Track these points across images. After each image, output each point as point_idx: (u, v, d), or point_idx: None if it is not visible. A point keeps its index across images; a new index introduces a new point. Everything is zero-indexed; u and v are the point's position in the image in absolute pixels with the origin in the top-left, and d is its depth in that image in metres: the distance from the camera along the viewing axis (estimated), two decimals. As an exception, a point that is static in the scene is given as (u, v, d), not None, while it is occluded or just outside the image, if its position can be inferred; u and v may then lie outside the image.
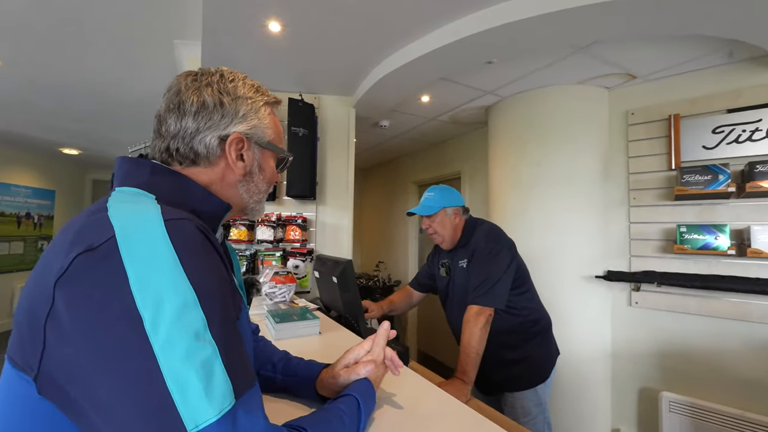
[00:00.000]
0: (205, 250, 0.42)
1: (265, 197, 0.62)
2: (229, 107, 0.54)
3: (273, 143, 0.59)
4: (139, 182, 0.48)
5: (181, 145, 0.52)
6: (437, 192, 1.45)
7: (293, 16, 1.54)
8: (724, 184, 1.71)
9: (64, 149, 4.62)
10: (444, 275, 1.50)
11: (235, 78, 0.56)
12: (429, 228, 1.44)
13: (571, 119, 2.19)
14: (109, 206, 0.42)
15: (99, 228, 0.38)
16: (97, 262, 0.36)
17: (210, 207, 0.53)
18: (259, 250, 2.16)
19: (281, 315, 1.19)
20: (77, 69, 2.32)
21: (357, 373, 0.64)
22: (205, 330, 0.37)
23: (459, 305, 1.40)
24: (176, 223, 0.40)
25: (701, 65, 1.87)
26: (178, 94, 0.53)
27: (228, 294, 0.43)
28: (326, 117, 2.43)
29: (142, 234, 0.38)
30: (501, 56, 1.77)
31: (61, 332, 0.35)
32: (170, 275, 0.37)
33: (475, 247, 1.35)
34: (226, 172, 0.55)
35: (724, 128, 1.82)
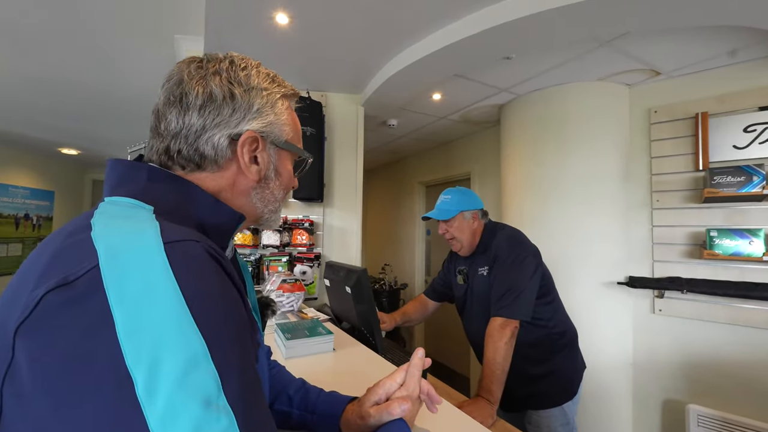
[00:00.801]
0: (219, 281, 0.33)
1: (281, 206, 0.53)
2: (242, 100, 0.44)
3: (291, 143, 0.49)
4: (134, 190, 0.39)
5: (183, 146, 0.43)
6: (454, 194, 1.37)
7: (301, 7, 1.44)
8: (759, 186, 1.61)
9: (63, 149, 4.54)
10: (461, 283, 1.42)
11: (247, 65, 0.47)
12: (446, 233, 1.36)
13: (590, 118, 2.10)
14: (93, 223, 0.32)
15: (78, 254, 0.30)
16: (74, 301, 0.27)
17: (221, 219, 0.43)
18: (265, 255, 2.06)
19: (291, 329, 1.09)
20: (75, 66, 2.24)
21: (390, 412, 0.54)
22: (219, 392, 0.28)
23: (478, 316, 1.32)
24: (180, 247, 0.31)
25: (731, 60, 1.77)
26: (180, 85, 0.43)
27: (247, 336, 0.34)
28: (334, 116, 2.34)
29: (134, 262, 0.29)
30: (520, 51, 1.68)
31: (21, 399, 0.27)
32: (172, 319, 0.28)
33: (497, 254, 1.27)
34: (238, 177, 0.45)
35: (757, 127, 1.72)
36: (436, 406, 0.60)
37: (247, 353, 0.33)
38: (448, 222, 1.34)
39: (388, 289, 3.62)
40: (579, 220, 2.06)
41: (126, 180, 0.40)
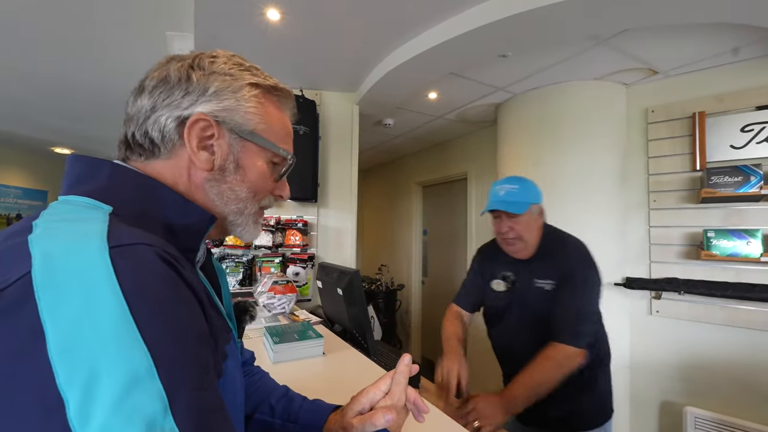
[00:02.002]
0: (171, 289, 0.29)
1: (249, 210, 0.46)
2: (197, 83, 0.41)
3: (259, 134, 0.44)
4: (92, 189, 0.36)
5: (135, 129, 0.41)
6: (521, 184, 1.11)
7: (294, 2, 1.41)
8: (757, 186, 1.60)
9: (56, 148, 4.50)
10: (503, 290, 1.19)
11: (218, 55, 0.44)
12: (510, 231, 1.10)
13: (588, 117, 2.08)
14: (34, 226, 0.29)
15: (10, 260, 0.27)
16: (2, 314, 0.24)
17: (190, 219, 0.40)
18: (257, 256, 2.03)
19: (280, 333, 1.06)
20: (68, 64, 2.21)
21: (373, 423, 0.51)
22: (165, 415, 0.24)
23: (524, 331, 1.13)
24: (128, 251, 0.28)
25: (728, 60, 1.76)
26: (147, 73, 0.42)
27: (206, 352, 0.30)
28: (328, 114, 2.31)
29: (72, 269, 0.26)
30: (516, 49, 1.66)
31: None
32: (113, 332, 0.25)
33: (571, 270, 1.07)
34: (191, 167, 0.42)
35: (754, 126, 1.70)
36: (423, 416, 0.57)
37: (205, 371, 0.29)
38: (517, 218, 1.08)
39: (385, 290, 3.60)
40: (576, 221, 2.04)
41: (85, 177, 0.37)
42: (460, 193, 3.32)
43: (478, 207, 3.05)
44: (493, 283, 1.23)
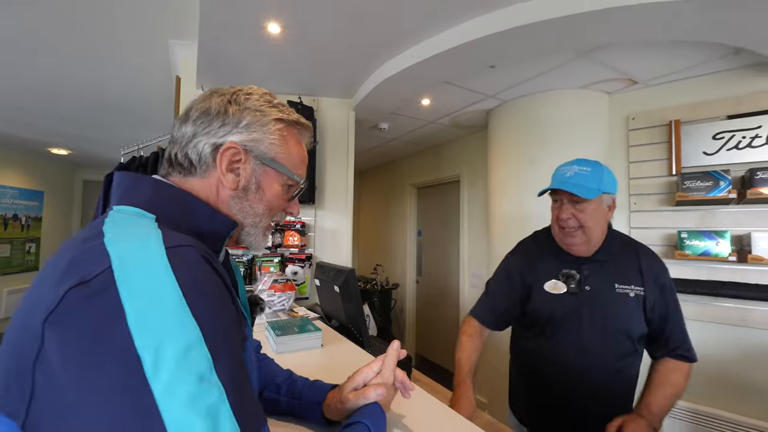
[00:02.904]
0: (212, 281, 0.38)
1: (264, 224, 0.54)
2: (233, 116, 0.50)
3: (278, 162, 0.52)
4: (139, 201, 0.44)
5: (178, 151, 0.50)
6: (595, 168, 0.96)
7: (293, 18, 1.50)
8: (725, 191, 1.71)
9: (53, 149, 4.51)
10: (560, 292, 1.01)
11: (253, 92, 0.53)
12: (571, 219, 0.96)
13: (572, 123, 2.18)
14: (105, 231, 0.38)
15: (94, 258, 0.35)
16: (91, 297, 0.33)
17: (216, 227, 0.49)
18: (257, 256, 2.11)
19: (282, 327, 1.15)
20: (68, 67, 2.25)
21: (366, 397, 0.60)
22: (210, 371, 0.33)
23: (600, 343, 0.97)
24: (179, 251, 0.37)
25: (702, 71, 1.87)
26: (192, 103, 0.51)
27: (236, 328, 0.40)
28: (325, 120, 2.39)
29: (141, 264, 0.35)
30: (503, 60, 1.76)
31: (51, 376, 0.32)
32: (173, 311, 0.33)
33: (659, 277, 0.98)
34: (220, 186, 0.50)
35: (725, 134, 1.82)
36: (410, 393, 0.67)
37: (235, 341, 0.38)
38: (582, 204, 0.94)
39: (380, 289, 3.68)
40: (561, 222, 2.15)
41: (132, 191, 0.46)
42: (453, 195, 3.42)
43: (471, 209, 3.15)
44: (548, 284, 1.03)
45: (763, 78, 1.74)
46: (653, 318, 0.98)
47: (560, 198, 0.99)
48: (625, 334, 0.96)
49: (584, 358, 0.98)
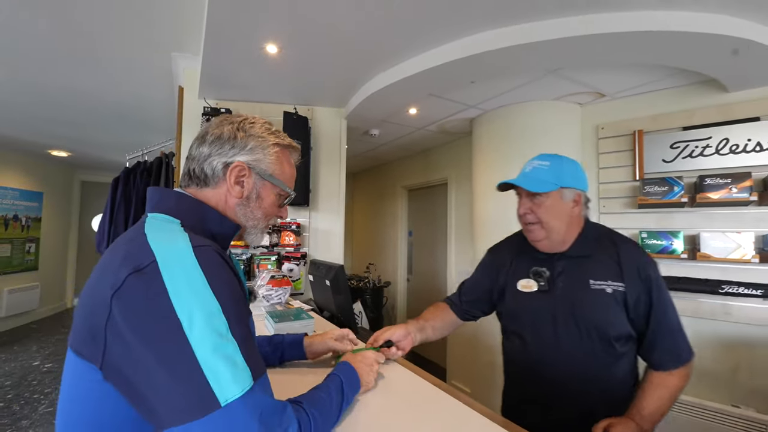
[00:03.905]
0: (225, 270, 0.52)
1: (261, 226, 0.69)
2: (240, 141, 0.64)
3: (275, 177, 0.66)
4: (167, 209, 0.59)
5: (195, 167, 0.64)
6: (554, 162, 0.96)
7: (290, 40, 1.66)
8: (678, 195, 1.91)
9: (53, 151, 4.61)
10: (531, 290, 1.00)
11: (256, 122, 0.68)
12: (528, 214, 0.96)
13: (548, 132, 2.37)
14: (146, 233, 0.52)
15: (143, 252, 0.49)
16: (144, 280, 0.47)
17: (225, 230, 0.64)
18: (255, 255, 2.27)
19: (279, 315, 1.31)
20: (70, 72, 2.36)
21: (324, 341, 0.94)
22: (227, 331, 0.47)
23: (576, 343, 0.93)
24: (202, 250, 0.51)
25: (661, 86, 2.07)
26: (208, 128, 0.66)
27: (242, 303, 0.54)
28: (319, 128, 2.56)
29: (177, 258, 0.49)
30: (482, 77, 1.93)
31: (119, 334, 0.45)
32: (200, 290, 0.48)
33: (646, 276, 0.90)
34: (228, 195, 0.64)
35: (680, 144, 2.01)
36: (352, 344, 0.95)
37: (243, 313, 0.53)
38: (538, 198, 0.94)
39: (372, 287, 3.85)
40: (537, 223, 2.33)
41: (162, 201, 0.60)
42: (441, 197, 3.60)
43: (458, 210, 3.33)
44: (520, 283, 1.02)
45: (710, 94, 1.94)
46: (637, 316, 0.90)
47: (521, 193, 0.98)
48: (601, 333, 0.90)
49: (559, 357, 0.94)
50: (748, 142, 1.82)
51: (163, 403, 0.44)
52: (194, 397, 0.43)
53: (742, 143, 1.84)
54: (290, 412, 0.51)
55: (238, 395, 0.45)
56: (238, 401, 0.45)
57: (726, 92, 1.90)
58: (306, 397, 0.61)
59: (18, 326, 4.77)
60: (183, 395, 0.44)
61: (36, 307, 5.05)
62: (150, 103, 2.91)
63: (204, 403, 0.43)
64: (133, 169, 2.53)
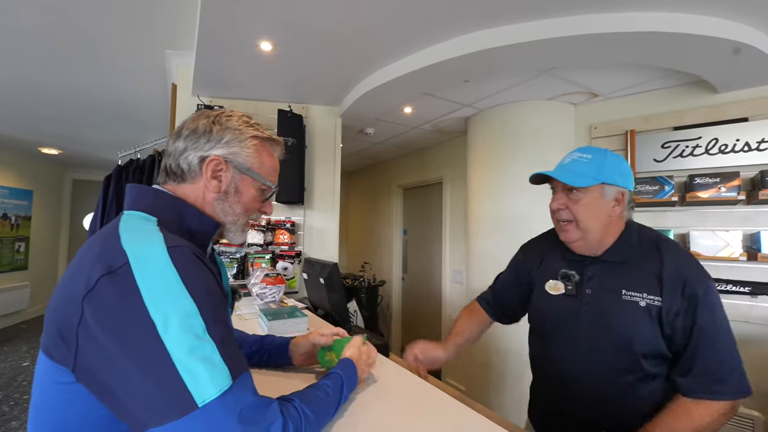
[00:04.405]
0: (201, 270, 0.51)
1: (241, 222, 0.66)
2: (216, 134, 0.61)
3: (253, 170, 0.64)
4: (143, 207, 0.57)
5: (172, 162, 0.62)
6: (596, 156, 0.86)
7: (284, 37, 1.65)
8: (669, 194, 1.93)
9: (43, 149, 4.55)
10: (558, 293, 0.94)
11: (233, 115, 0.65)
12: (562, 210, 0.89)
13: (542, 131, 2.38)
14: (120, 233, 0.50)
15: (115, 253, 0.48)
16: (117, 282, 0.45)
17: (203, 228, 0.62)
18: (249, 253, 2.26)
19: (273, 313, 1.31)
20: (62, 69, 2.33)
21: (308, 339, 0.91)
22: (204, 332, 0.47)
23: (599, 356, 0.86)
24: (177, 250, 0.50)
25: (653, 87, 2.09)
26: (184, 123, 0.65)
27: (221, 302, 0.53)
28: (314, 126, 2.55)
29: (151, 259, 0.48)
30: (476, 76, 1.94)
31: (91, 337, 0.44)
32: (175, 291, 0.47)
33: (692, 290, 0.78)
34: (205, 190, 0.62)
35: (671, 144, 2.04)
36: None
37: (221, 312, 0.51)
38: (575, 193, 0.86)
39: (367, 286, 3.84)
40: (530, 222, 2.34)
41: (139, 200, 0.59)
42: (436, 196, 3.61)
43: (453, 210, 3.34)
44: (548, 284, 0.96)
45: (701, 95, 1.97)
46: (674, 333, 0.79)
47: (555, 186, 0.90)
48: (626, 348, 0.82)
49: (581, 366, 0.88)
50: (736, 142, 1.85)
51: (140, 406, 0.44)
52: (171, 399, 0.43)
53: (730, 143, 1.87)
54: (275, 409, 0.50)
55: (216, 395, 0.44)
56: (215, 401, 0.44)
57: (716, 93, 1.93)
58: (299, 394, 0.60)
59: (8, 326, 4.70)
60: (159, 397, 0.43)
61: (26, 306, 4.97)
62: (143, 101, 2.88)
63: (181, 404, 0.43)
64: (126, 167, 2.51)
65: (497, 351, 2.33)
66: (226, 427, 0.44)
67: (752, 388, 0.76)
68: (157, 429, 0.43)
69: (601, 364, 0.85)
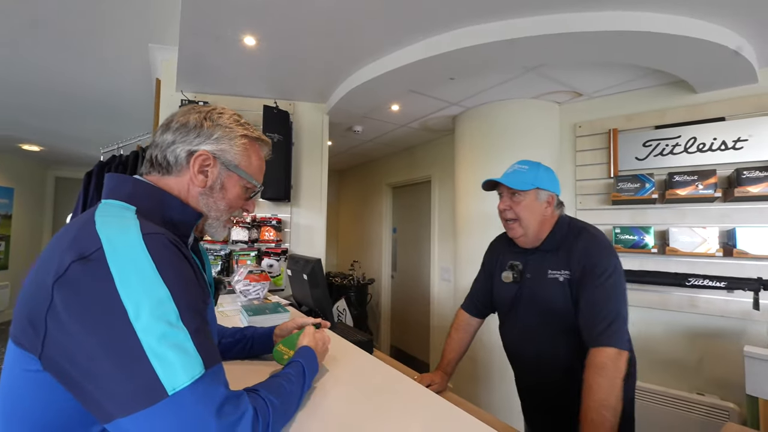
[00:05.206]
0: (177, 258, 0.51)
1: (224, 218, 0.67)
2: (207, 130, 0.62)
3: (240, 168, 0.65)
4: (122, 195, 0.57)
5: (158, 153, 0.62)
6: (533, 167, 1.09)
7: (267, 31, 1.64)
8: (649, 192, 1.97)
9: (24, 145, 4.43)
10: (509, 281, 1.14)
11: (224, 113, 0.66)
12: (507, 210, 1.09)
13: (528, 130, 2.41)
14: (96, 219, 0.50)
15: (89, 239, 0.47)
16: (89, 268, 0.45)
17: (185, 218, 0.62)
18: (234, 251, 2.23)
19: (254, 309, 1.30)
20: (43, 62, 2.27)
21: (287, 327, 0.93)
22: (177, 320, 0.46)
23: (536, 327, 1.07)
24: (153, 237, 0.49)
25: (635, 86, 2.13)
26: (173, 115, 0.64)
27: (196, 292, 0.52)
28: (301, 123, 2.54)
29: (125, 246, 0.47)
30: (461, 73, 1.95)
31: (60, 323, 0.44)
32: (148, 277, 0.46)
33: (588, 261, 0.98)
34: (191, 184, 0.62)
35: (652, 142, 2.08)
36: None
37: (196, 300, 0.51)
38: (517, 196, 1.07)
39: (356, 284, 3.84)
40: (516, 219, 2.38)
41: (117, 189, 0.58)
42: (425, 194, 3.62)
43: (441, 208, 3.36)
44: (503, 274, 1.16)
45: (680, 95, 2.02)
46: (578, 299, 0.98)
47: (502, 192, 1.12)
48: (560, 321, 1.01)
49: (527, 340, 1.10)
50: (714, 141, 1.90)
51: (108, 394, 0.42)
52: (140, 387, 0.42)
53: (708, 142, 1.91)
54: (245, 401, 0.50)
55: (187, 383, 0.44)
56: (186, 390, 0.43)
57: (694, 93, 1.98)
58: (264, 384, 0.60)
59: (-14, 328, 4.57)
60: (128, 385, 0.42)
61: (6, 307, 4.84)
62: (127, 96, 2.83)
63: (150, 392, 0.42)
64: (108, 162, 2.46)
65: (483, 346, 2.35)
66: (197, 417, 0.43)
67: (630, 345, 0.97)
68: (125, 419, 0.42)
69: (540, 332, 1.06)
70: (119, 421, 0.42)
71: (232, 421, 0.46)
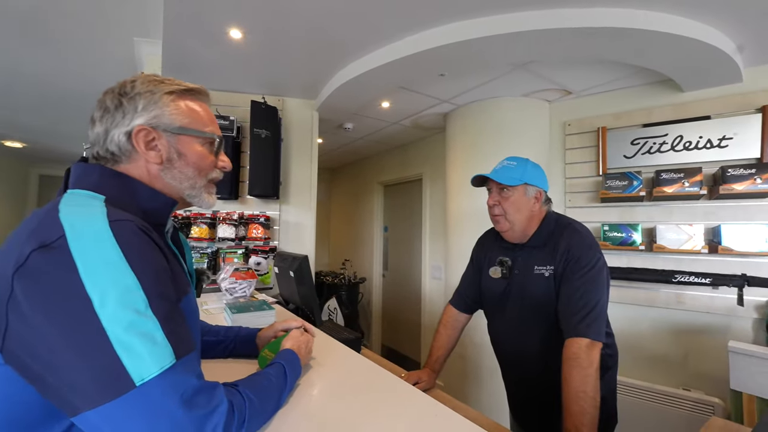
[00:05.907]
0: (146, 245, 0.49)
1: (201, 183, 0.62)
2: (128, 105, 0.56)
3: (186, 128, 0.59)
4: (88, 184, 0.54)
5: (99, 149, 0.57)
6: (521, 163, 1.10)
7: (254, 24, 1.61)
8: (637, 189, 1.99)
9: (6, 141, 4.31)
10: (496, 276, 1.15)
11: (137, 79, 0.59)
12: (496, 206, 1.10)
13: (518, 128, 2.42)
14: (60, 208, 0.47)
15: (51, 227, 0.45)
16: (51, 256, 0.43)
17: (157, 205, 0.58)
18: (221, 248, 2.19)
19: (239, 307, 1.27)
20: (25, 58, 2.21)
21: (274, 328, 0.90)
22: (146, 308, 0.44)
23: (524, 323, 1.09)
24: (120, 224, 0.47)
25: (623, 85, 2.15)
26: (93, 110, 0.60)
27: (167, 280, 0.50)
28: (290, 119, 2.50)
29: (89, 233, 0.45)
30: (451, 70, 1.94)
31: (21, 315, 0.42)
32: (114, 265, 0.44)
33: (574, 256, 0.99)
34: (147, 164, 0.58)
35: (640, 140, 2.10)
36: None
37: (166, 288, 0.49)
38: (505, 191, 1.08)
39: (348, 283, 3.82)
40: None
41: (83, 177, 0.55)
42: (416, 192, 3.61)
43: (433, 207, 3.35)
44: (491, 270, 1.16)
45: (667, 93, 2.04)
46: (559, 292, 1.00)
47: (491, 187, 1.13)
48: (546, 316, 1.02)
49: (516, 336, 1.10)
50: (699, 139, 1.92)
51: (73, 387, 0.41)
52: (106, 378, 0.41)
53: (694, 140, 1.93)
54: (220, 393, 0.48)
55: (156, 373, 0.42)
56: (155, 380, 0.42)
57: (681, 92, 2.00)
58: (243, 381, 0.59)
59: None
60: (93, 376, 0.41)
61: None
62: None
63: (117, 383, 0.41)
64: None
65: (473, 343, 2.35)
66: (166, 409, 0.42)
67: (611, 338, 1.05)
68: (91, 412, 0.40)
69: (529, 327, 1.07)
70: (85, 414, 0.40)
71: (204, 413, 0.44)
